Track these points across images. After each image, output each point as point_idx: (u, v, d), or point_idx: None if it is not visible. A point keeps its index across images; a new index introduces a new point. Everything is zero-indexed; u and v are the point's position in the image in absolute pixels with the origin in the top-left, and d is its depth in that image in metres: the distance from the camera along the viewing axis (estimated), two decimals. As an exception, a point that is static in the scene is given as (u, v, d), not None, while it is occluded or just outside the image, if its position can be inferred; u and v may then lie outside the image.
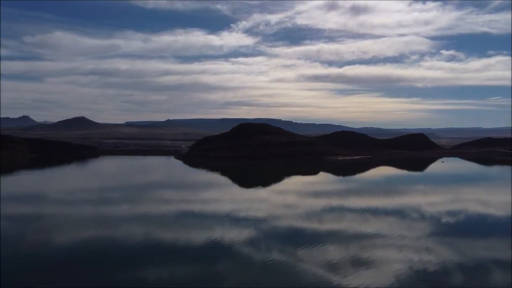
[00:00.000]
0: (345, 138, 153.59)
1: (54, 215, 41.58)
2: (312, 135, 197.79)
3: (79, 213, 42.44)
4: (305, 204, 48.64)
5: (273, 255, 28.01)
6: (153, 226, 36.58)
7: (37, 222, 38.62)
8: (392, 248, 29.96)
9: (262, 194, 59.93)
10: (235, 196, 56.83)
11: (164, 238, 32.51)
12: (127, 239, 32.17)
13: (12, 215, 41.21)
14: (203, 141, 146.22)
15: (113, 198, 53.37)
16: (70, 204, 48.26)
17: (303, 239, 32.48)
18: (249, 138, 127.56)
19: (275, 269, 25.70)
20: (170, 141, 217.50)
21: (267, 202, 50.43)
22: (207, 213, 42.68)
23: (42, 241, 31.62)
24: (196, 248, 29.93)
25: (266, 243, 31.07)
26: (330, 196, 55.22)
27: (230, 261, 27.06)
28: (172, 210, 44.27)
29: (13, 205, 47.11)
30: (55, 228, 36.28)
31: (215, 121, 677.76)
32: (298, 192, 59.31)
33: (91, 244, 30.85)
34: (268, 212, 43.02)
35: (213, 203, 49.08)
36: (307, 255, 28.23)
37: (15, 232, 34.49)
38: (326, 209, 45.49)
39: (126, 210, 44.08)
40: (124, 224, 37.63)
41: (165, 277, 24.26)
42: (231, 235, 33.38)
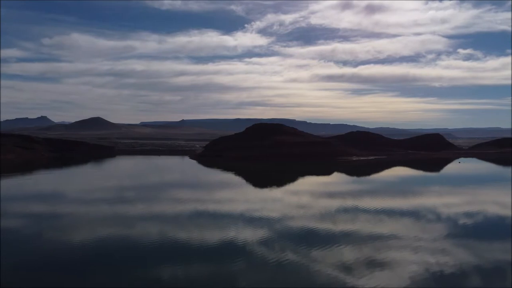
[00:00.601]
0: (359, 138, 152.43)
1: (71, 214, 42.26)
2: (326, 136, 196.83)
3: (96, 212, 43.09)
4: (319, 205, 48.49)
5: (287, 256, 28.01)
6: (168, 225, 36.98)
7: (55, 221, 39.33)
8: (407, 250, 29.67)
9: (276, 194, 59.93)
10: (249, 196, 56.93)
11: (179, 237, 32.82)
12: (142, 238, 32.56)
13: (31, 214, 42.15)
14: (217, 141, 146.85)
15: (129, 197, 54.03)
16: (87, 203, 49.01)
17: (317, 239, 32.41)
18: (263, 138, 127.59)
19: (289, 269, 25.70)
20: (185, 141, 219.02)
21: (281, 203, 50.44)
22: (221, 213, 42.90)
23: (60, 239, 32.20)
24: (210, 248, 30.10)
25: (280, 244, 31.08)
26: (344, 197, 54.91)
27: (244, 261, 27.14)
28: (186, 209, 44.56)
29: (32, 203, 48.16)
30: (72, 226, 36.89)
31: (229, 121, 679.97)
32: (312, 193, 59.14)
33: (107, 243, 31.33)
34: (282, 213, 43.02)
35: (227, 203, 49.31)
36: (321, 255, 28.16)
37: (34, 230, 35.25)
38: (340, 210, 45.27)
39: (142, 209, 44.53)
40: (140, 223, 38.04)
41: (180, 276, 24.48)
42: (245, 235, 33.47)
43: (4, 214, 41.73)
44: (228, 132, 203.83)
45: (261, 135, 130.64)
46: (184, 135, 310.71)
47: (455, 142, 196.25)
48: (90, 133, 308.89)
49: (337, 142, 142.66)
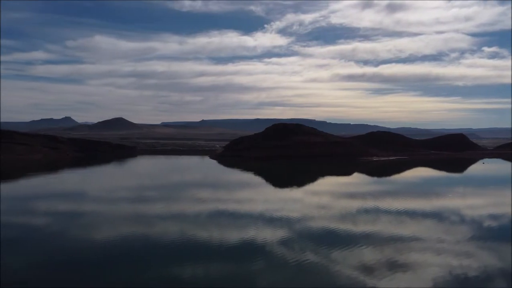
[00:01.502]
0: (380, 138, 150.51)
1: (94, 212, 43.13)
2: (346, 136, 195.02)
3: (118, 211, 43.93)
4: (339, 205, 48.18)
5: (307, 256, 27.95)
6: (188, 224, 37.37)
7: (79, 219, 40.15)
8: (429, 252, 29.17)
9: (296, 194, 59.82)
10: (268, 196, 56.97)
11: (199, 236, 33.08)
12: (163, 236, 33.03)
13: (56, 212, 43.20)
14: (237, 141, 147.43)
15: (150, 196, 54.81)
16: (109, 202, 50.01)
17: (337, 240, 32.24)
18: (282, 139, 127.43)
19: (309, 269, 25.62)
20: (205, 141, 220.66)
21: (301, 203, 50.30)
22: (241, 213, 43.09)
23: (83, 237, 32.88)
24: (230, 247, 30.28)
25: (300, 244, 31.03)
26: (365, 198, 54.37)
27: (264, 261, 27.19)
28: (206, 209, 44.90)
29: (57, 202, 49.38)
30: (95, 224, 37.64)
31: (249, 121, 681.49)
32: (332, 193, 58.79)
33: (128, 241, 31.82)
34: (302, 213, 42.91)
35: (247, 203, 49.49)
36: (341, 256, 28.01)
37: (59, 228, 36.10)
38: (361, 211, 44.85)
39: (163, 209, 45.11)
40: (161, 222, 38.57)
41: (200, 275, 24.70)
42: (265, 235, 33.52)
43: (31, 212, 43.04)
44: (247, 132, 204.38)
45: (281, 135, 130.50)
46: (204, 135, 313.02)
47: (479, 143, 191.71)
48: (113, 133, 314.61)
49: (358, 142, 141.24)
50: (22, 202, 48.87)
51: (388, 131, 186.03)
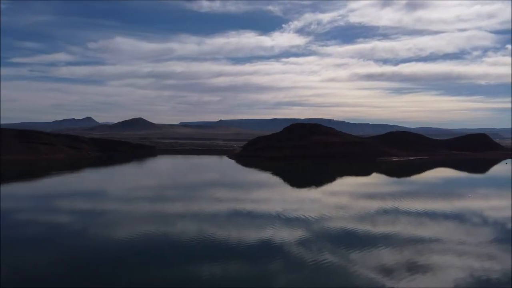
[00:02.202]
0: (400, 138, 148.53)
1: (115, 211, 43.93)
2: (365, 136, 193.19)
3: (138, 210, 44.50)
4: (357, 206, 47.81)
5: (325, 256, 27.84)
6: (206, 223, 37.61)
7: (100, 217, 40.96)
8: (450, 254, 28.73)
9: (314, 194, 59.62)
10: (286, 196, 56.92)
11: (217, 235, 33.29)
12: (182, 235, 33.38)
13: (78, 210, 44.03)
14: (255, 141, 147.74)
15: (169, 195, 55.45)
16: (130, 200, 50.70)
17: (356, 241, 32.02)
18: (300, 138, 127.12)
19: (327, 270, 25.53)
20: (223, 141, 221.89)
21: (319, 203, 50.12)
22: (258, 213, 43.18)
23: (104, 235, 33.51)
24: (248, 247, 30.40)
25: (318, 244, 30.94)
26: (384, 198, 53.80)
27: (281, 261, 27.20)
28: (225, 208, 45.17)
29: (79, 200, 50.37)
30: (116, 223, 38.34)
31: (266, 121, 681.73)
32: (350, 193, 58.37)
33: (148, 240, 32.26)
34: (319, 213, 42.77)
35: (265, 203, 49.53)
36: (360, 257, 27.81)
37: (81, 226, 36.80)
38: (380, 211, 44.42)
39: (182, 208, 45.62)
40: (180, 220, 38.99)
41: (218, 274, 24.83)
42: (283, 234, 33.51)
43: (54, 210, 44.09)
44: (265, 132, 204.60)
45: (299, 135, 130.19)
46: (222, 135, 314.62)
47: (502, 143, 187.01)
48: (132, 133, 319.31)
49: (376, 142, 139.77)
50: (46, 201, 50.12)
51: (407, 131, 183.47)
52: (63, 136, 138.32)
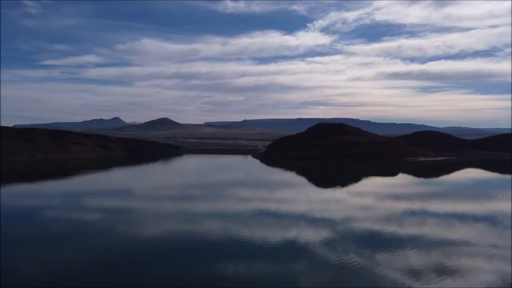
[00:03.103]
0: (427, 138, 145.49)
1: (142, 209, 44.66)
2: (392, 135, 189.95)
3: (164, 208, 45.24)
4: (383, 207, 47.14)
5: (351, 257, 27.58)
6: (231, 223, 37.85)
7: (127, 215, 41.81)
8: (481, 257, 27.92)
9: (339, 195, 59.14)
10: (311, 196, 56.65)
11: (242, 235, 33.47)
12: (207, 234, 33.64)
13: (106, 208, 44.99)
14: (279, 141, 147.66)
15: (195, 194, 56.06)
16: (156, 199, 51.54)
17: (382, 242, 31.56)
18: (325, 138, 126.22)
19: (352, 271, 25.29)
20: (247, 141, 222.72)
21: (344, 203, 49.70)
22: (283, 212, 43.12)
23: (130, 233, 34.15)
24: (272, 247, 30.38)
25: (343, 245, 30.68)
26: (411, 199, 52.83)
27: (306, 261, 27.12)
28: (249, 207, 45.33)
29: (107, 199, 51.64)
30: (142, 221, 38.97)
31: (291, 121, 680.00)
32: (376, 194, 57.56)
33: (174, 238, 32.73)
34: (345, 214, 42.40)
35: (289, 203, 49.45)
36: (386, 259, 27.40)
37: (108, 224, 37.73)
38: (407, 213, 43.64)
39: (207, 206, 45.98)
40: (204, 219, 39.33)
41: (242, 273, 24.96)
42: (307, 235, 33.39)
43: (84, 208, 45.24)
44: (290, 132, 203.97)
45: (323, 135, 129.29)
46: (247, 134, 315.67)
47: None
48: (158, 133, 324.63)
49: (403, 142, 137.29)
50: (76, 199, 51.48)
51: (435, 131, 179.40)
52: (93, 136, 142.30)
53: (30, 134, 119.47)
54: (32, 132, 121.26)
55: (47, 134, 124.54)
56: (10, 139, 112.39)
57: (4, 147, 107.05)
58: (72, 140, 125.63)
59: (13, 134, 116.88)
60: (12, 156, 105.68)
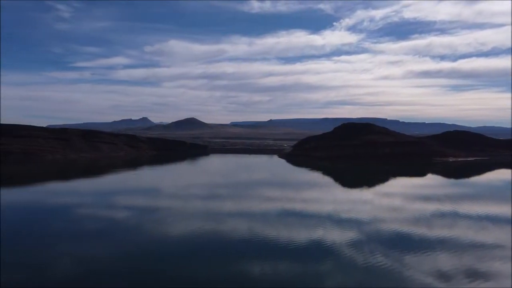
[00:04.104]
0: (457, 138, 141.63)
1: (169, 208, 45.45)
2: (420, 135, 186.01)
3: (190, 207, 45.79)
4: (412, 208, 46.32)
5: (378, 259, 27.25)
6: (257, 222, 38.01)
7: (154, 213, 42.57)
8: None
9: (366, 195, 58.49)
10: (337, 196, 56.24)
11: (267, 234, 33.51)
12: (233, 233, 33.92)
13: (135, 206, 45.94)
14: (305, 140, 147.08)
15: (221, 193, 56.48)
16: (183, 198, 52.34)
17: (410, 244, 31.04)
18: (352, 138, 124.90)
19: (379, 272, 24.99)
20: (273, 141, 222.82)
21: (371, 204, 49.10)
22: (309, 213, 42.98)
23: (158, 232, 34.78)
24: (298, 247, 30.35)
25: (370, 246, 30.31)
26: (440, 200, 51.72)
27: (332, 262, 26.98)
28: (275, 207, 45.38)
29: (136, 197, 52.75)
30: (169, 219, 39.69)
31: (317, 120, 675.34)
32: (404, 195, 56.65)
33: (201, 237, 33.05)
34: (372, 215, 41.84)
35: (315, 203, 49.26)
36: (414, 261, 26.91)
37: (135, 222, 38.58)
38: (436, 214, 42.72)
39: (233, 206, 46.39)
40: (231, 219, 39.67)
41: (269, 272, 25.05)
42: (333, 235, 33.19)
43: (114, 206, 46.35)
44: (315, 132, 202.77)
45: (350, 135, 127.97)
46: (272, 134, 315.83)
47: None
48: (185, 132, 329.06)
49: (432, 142, 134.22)
50: (107, 197, 52.93)
51: (466, 131, 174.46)
52: (123, 136, 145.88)
53: (64, 134, 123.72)
54: (65, 132, 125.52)
55: (80, 134, 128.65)
56: (46, 138, 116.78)
57: (40, 146, 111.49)
58: (103, 140, 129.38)
59: (48, 134, 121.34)
60: (48, 155, 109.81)
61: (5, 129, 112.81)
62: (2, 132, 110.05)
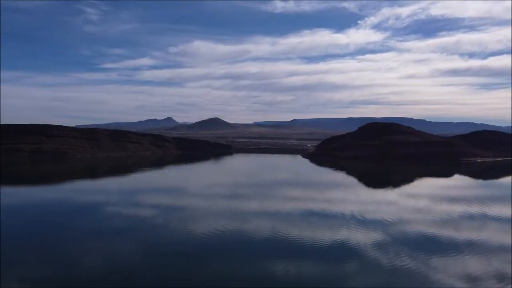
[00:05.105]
0: (486, 138, 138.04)
1: (193, 206, 46.08)
2: (448, 135, 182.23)
3: (214, 206, 46.16)
4: (438, 209, 45.47)
5: (403, 261, 26.89)
6: (280, 222, 38.02)
7: (178, 212, 43.28)
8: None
9: (391, 196, 57.82)
10: (361, 197, 55.77)
11: (291, 235, 33.53)
12: (256, 233, 34.08)
13: (160, 205, 46.71)
14: (329, 140, 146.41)
15: (244, 193, 56.85)
16: (207, 196, 52.94)
17: (436, 246, 30.52)
18: (377, 138, 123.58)
19: (405, 274, 24.69)
20: (296, 140, 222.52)
21: (396, 205, 48.52)
22: (333, 213, 42.83)
23: (182, 230, 35.37)
24: (322, 247, 30.28)
25: (395, 248, 29.92)
26: (469, 202, 50.81)
27: (356, 263, 26.79)
28: (298, 207, 45.35)
29: (161, 195, 53.63)
30: (193, 218, 40.22)
31: (341, 120, 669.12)
32: (430, 196, 55.86)
33: (224, 236, 33.37)
34: (397, 216, 41.38)
35: (339, 203, 49.06)
36: (441, 263, 26.44)
37: (160, 221, 39.33)
38: (464, 216, 41.93)
39: (257, 205, 46.65)
40: (253, 218, 39.91)
41: (292, 272, 25.04)
42: (358, 236, 32.93)
43: (141, 204, 47.26)
44: (339, 132, 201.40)
45: (375, 135, 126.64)
46: (296, 134, 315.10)
47: None
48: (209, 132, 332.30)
49: (459, 142, 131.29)
50: (135, 195, 53.98)
51: (495, 130, 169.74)
52: (149, 136, 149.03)
53: (93, 134, 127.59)
54: (94, 132, 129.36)
55: (108, 133, 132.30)
56: (75, 138, 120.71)
57: (70, 145, 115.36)
58: (130, 139, 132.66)
59: (78, 134, 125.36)
60: (77, 154, 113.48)
61: (38, 129, 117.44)
62: (38, 132, 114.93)
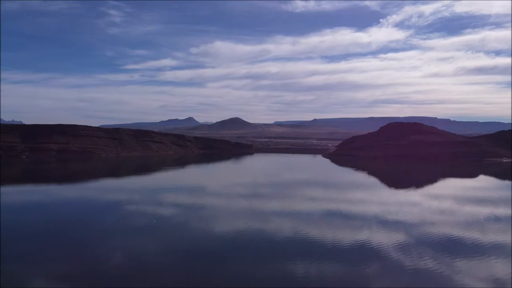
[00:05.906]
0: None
1: (214, 206, 46.45)
2: (473, 135, 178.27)
3: (235, 205, 46.64)
4: (463, 211, 44.73)
5: (426, 263, 26.60)
6: (301, 222, 38.11)
7: (199, 211, 43.69)
8: None
9: (413, 197, 57.06)
10: (383, 197, 55.15)
11: (311, 235, 33.55)
12: (277, 233, 34.19)
13: (181, 204, 47.43)
14: (350, 140, 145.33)
15: (264, 193, 57.03)
16: (228, 196, 53.41)
17: (461, 249, 30.07)
18: (399, 138, 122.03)
19: (428, 277, 24.42)
20: (317, 140, 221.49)
21: (419, 206, 47.84)
22: (354, 214, 42.52)
23: (203, 229, 35.72)
24: (343, 248, 30.23)
25: (418, 250, 29.58)
26: (494, 204, 49.76)
27: (378, 264, 26.61)
28: (319, 208, 45.32)
29: (182, 194, 54.45)
30: (213, 217, 40.56)
31: (362, 120, 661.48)
32: (454, 197, 54.91)
33: (245, 235, 33.63)
34: (420, 217, 40.83)
35: (361, 204, 48.59)
36: (466, 266, 26.09)
37: (181, 220, 39.91)
38: (490, 218, 41.00)
39: (277, 205, 46.76)
40: (274, 218, 40.04)
41: (313, 273, 25.09)
42: (380, 238, 32.70)
43: (161, 203, 47.96)
44: (361, 131, 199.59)
45: (397, 134, 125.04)
46: (316, 134, 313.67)
47: None
48: (230, 132, 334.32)
49: (484, 142, 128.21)
50: (158, 194, 54.80)
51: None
52: (171, 135, 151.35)
53: (117, 133, 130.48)
54: (118, 132, 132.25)
55: (131, 133, 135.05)
56: (100, 138, 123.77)
57: (95, 145, 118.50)
58: (153, 139, 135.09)
59: (103, 133, 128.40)
60: (102, 153, 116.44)
61: (65, 129, 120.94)
62: (65, 131, 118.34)
